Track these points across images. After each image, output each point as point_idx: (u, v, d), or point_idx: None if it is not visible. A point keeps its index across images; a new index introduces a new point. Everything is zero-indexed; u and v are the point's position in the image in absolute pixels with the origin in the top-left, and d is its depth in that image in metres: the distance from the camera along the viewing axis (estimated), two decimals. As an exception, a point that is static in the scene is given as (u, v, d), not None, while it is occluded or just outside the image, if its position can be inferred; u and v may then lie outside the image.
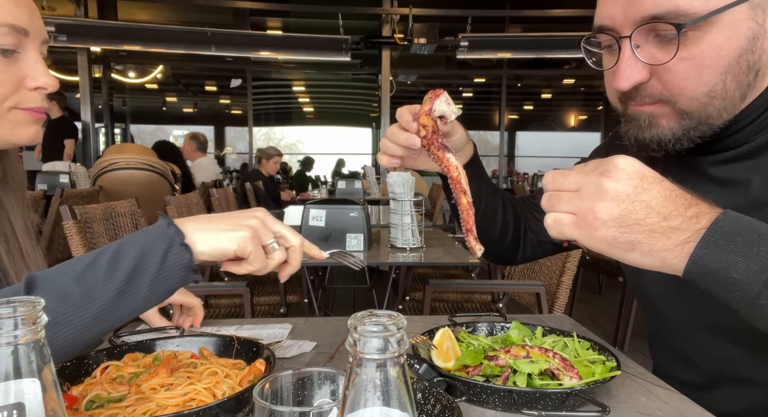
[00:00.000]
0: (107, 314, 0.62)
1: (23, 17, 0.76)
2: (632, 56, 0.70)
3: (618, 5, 0.70)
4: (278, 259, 0.73)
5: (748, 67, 0.68)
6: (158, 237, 0.66)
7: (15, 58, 0.76)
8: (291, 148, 16.98)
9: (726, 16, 0.65)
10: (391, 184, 2.41)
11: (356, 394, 0.38)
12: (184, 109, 15.14)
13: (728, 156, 0.75)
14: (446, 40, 7.50)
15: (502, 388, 0.76)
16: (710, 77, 0.67)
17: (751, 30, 0.66)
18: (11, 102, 0.76)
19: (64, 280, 0.62)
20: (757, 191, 0.73)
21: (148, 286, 0.64)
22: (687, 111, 0.70)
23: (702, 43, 0.66)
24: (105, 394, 0.75)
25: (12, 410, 0.37)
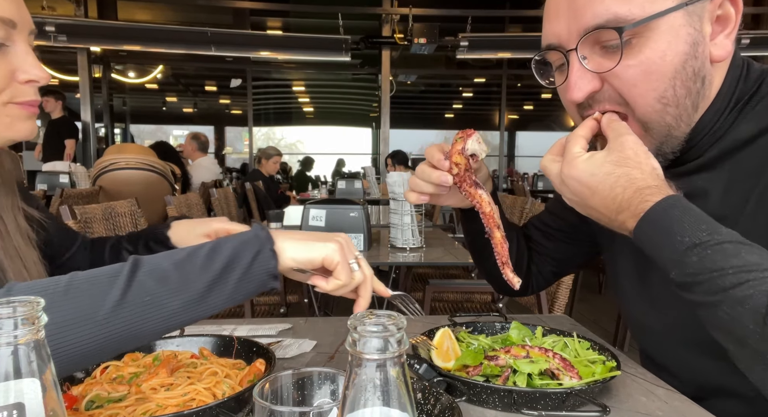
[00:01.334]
0: (193, 305, 0.64)
1: (10, 9, 0.74)
2: (581, 67, 0.73)
3: (561, 22, 0.73)
4: (358, 279, 0.74)
5: (694, 73, 0.70)
6: (252, 239, 0.69)
7: (4, 51, 0.74)
8: (291, 148, 16.98)
9: (664, 21, 0.68)
10: (391, 184, 2.41)
11: (356, 394, 0.38)
12: (184, 109, 15.14)
13: (686, 168, 0.78)
14: (446, 40, 7.50)
15: (502, 388, 0.76)
16: (659, 83, 0.70)
17: (690, 35, 0.69)
18: (5, 97, 0.75)
19: (165, 265, 0.65)
20: (716, 203, 0.75)
21: (233, 285, 0.66)
22: (646, 121, 0.73)
23: (646, 49, 0.69)
24: (105, 394, 0.75)
25: (12, 410, 0.37)
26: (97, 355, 0.63)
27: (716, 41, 0.71)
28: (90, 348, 0.59)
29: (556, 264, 1.10)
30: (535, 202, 2.75)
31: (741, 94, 0.74)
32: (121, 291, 0.61)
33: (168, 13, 9.43)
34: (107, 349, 0.62)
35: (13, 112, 0.76)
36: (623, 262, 0.91)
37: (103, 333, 0.60)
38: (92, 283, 0.62)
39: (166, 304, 0.63)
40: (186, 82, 12.87)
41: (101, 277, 0.62)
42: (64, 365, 0.59)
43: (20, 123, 0.78)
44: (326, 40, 7.55)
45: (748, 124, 0.73)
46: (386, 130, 8.04)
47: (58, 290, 0.60)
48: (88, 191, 3.66)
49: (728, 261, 0.57)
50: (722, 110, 0.74)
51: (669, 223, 0.63)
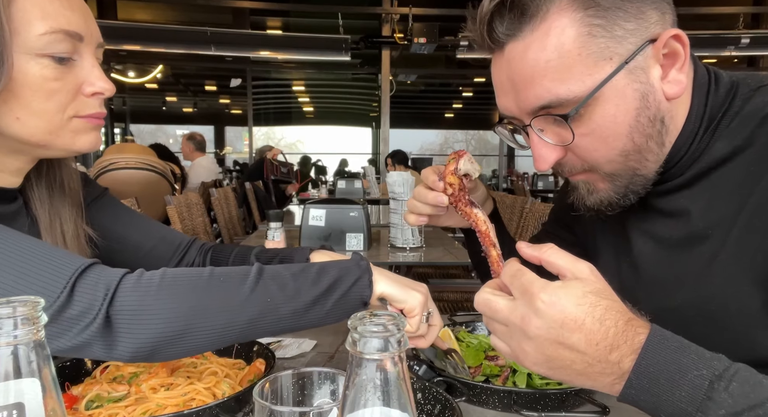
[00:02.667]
0: (297, 316, 0.69)
1: (78, 22, 0.73)
2: (540, 141, 0.73)
3: (508, 101, 0.73)
4: (421, 330, 0.78)
5: (650, 120, 0.70)
6: (354, 266, 0.74)
7: (71, 64, 0.73)
8: (291, 147, 16.99)
9: (607, 89, 0.67)
10: (391, 183, 2.41)
11: (356, 394, 0.38)
12: (184, 109, 15.14)
13: (668, 187, 0.77)
14: (446, 39, 7.49)
15: (502, 388, 0.76)
16: (616, 142, 0.70)
17: (637, 91, 0.68)
18: (71, 110, 0.74)
19: (285, 273, 0.71)
20: (698, 221, 0.74)
21: (332, 304, 0.71)
22: (612, 173, 0.73)
23: (596, 117, 0.68)
24: (105, 394, 0.75)
25: (12, 410, 0.37)
26: (218, 343, 0.68)
27: (669, 78, 0.69)
28: (216, 335, 0.66)
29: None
30: (535, 201, 2.75)
31: (713, 112, 0.73)
32: (250, 288, 0.67)
33: (168, 13, 9.43)
34: (226, 338, 0.67)
35: (77, 125, 0.76)
36: (608, 278, 0.89)
37: (230, 324, 0.66)
38: (228, 277, 0.68)
39: (280, 308, 0.68)
40: (186, 81, 12.87)
41: (234, 275, 0.69)
42: (189, 347, 0.66)
43: (84, 135, 0.77)
44: (326, 40, 7.54)
45: (722, 142, 0.72)
46: (386, 129, 8.04)
47: (203, 279, 0.67)
48: (88, 191, 3.66)
49: (760, 392, 0.52)
50: (695, 131, 0.73)
51: (677, 356, 0.54)
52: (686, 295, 0.75)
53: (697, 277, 0.73)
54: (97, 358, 0.64)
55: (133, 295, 0.63)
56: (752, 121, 0.69)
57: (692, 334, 0.74)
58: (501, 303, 0.59)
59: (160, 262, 1.01)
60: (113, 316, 0.61)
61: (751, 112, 0.70)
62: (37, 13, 0.69)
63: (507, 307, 0.59)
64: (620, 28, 0.66)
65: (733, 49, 7.11)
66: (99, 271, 0.64)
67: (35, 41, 0.69)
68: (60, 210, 0.84)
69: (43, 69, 0.70)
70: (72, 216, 0.85)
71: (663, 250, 0.78)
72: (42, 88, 0.71)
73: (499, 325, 0.60)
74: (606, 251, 0.90)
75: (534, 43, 0.67)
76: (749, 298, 0.68)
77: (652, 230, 0.80)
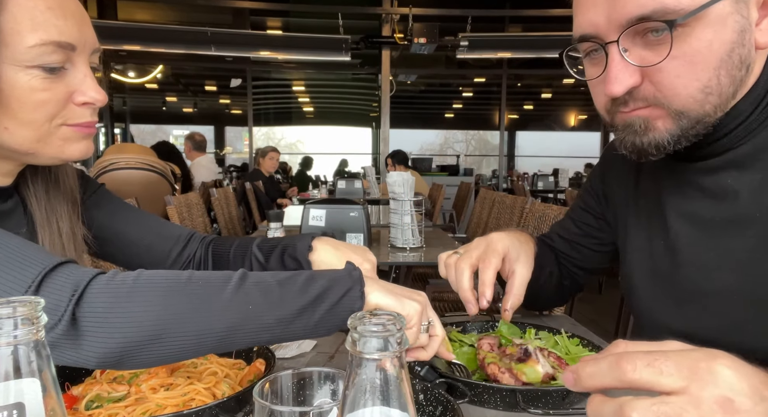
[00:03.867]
0: (282, 325, 0.65)
1: (71, 31, 0.71)
2: (622, 60, 0.68)
3: (599, 10, 0.68)
4: (421, 341, 0.75)
5: (740, 60, 0.66)
6: (345, 276, 0.70)
7: (62, 74, 0.72)
8: (291, 148, 16.99)
9: (712, 10, 0.64)
10: (391, 183, 2.41)
11: (356, 394, 0.38)
12: (184, 109, 15.14)
13: (714, 164, 0.74)
14: (446, 39, 7.49)
15: (505, 387, 0.76)
16: (703, 73, 0.66)
17: (738, 23, 0.65)
18: (60, 119, 0.73)
19: (270, 280, 0.67)
20: (746, 205, 0.71)
21: (320, 316, 0.67)
22: (684, 111, 0.68)
23: (692, 40, 0.65)
24: (105, 394, 0.75)
25: (12, 410, 0.37)
26: (192, 352, 0.65)
27: (761, 27, 0.67)
28: (191, 343, 0.62)
29: (584, 274, 1.09)
30: (535, 201, 2.75)
31: None
32: (230, 294, 0.64)
33: (168, 13, 9.42)
34: (203, 347, 0.64)
35: (66, 133, 0.74)
36: (639, 259, 0.89)
37: (206, 331, 0.62)
38: (207, 282, 0.65)
39: (262, 316, 0.64)
40: (186, 81, 12.86)
41: (214, 280, 0.65)
42: (162, 355, 0.62)
43: (74, 144, 0.76)
44: (326, 40, 7.54)
45: None
46: (386, 129, 8.04)
47: (180, 282, 0.63)
48: (88, 191, 3.66)
49: None
50: (759, 100, 0.70)
51: None
52: (728, 278, 0.73)
53: (741, 261, 0.71)
54: (66, 363, 0.60)
55: (102, 297, 0.60)
56: None
57: (731, 318, 0.74)
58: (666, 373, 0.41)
59: (159, 256, 1.01)
60: (80, 318, 0.58)
61: None
62: (27, 23, 0.67)
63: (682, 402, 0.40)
64: None
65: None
66: (69, 271, 0.61)
67: (25, 53, 0.67)
68: (56, 207, 0.84)
69: (31, 80, 0.68)
70: (68, 212, 0.85)
71: (703, 231, 0.76)
72: (30, 99, 0.69)
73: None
74: (638, 233, 0.88)
75: None
76: None
77: (693, 210, 0.78)
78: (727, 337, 0.75)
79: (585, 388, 0.45)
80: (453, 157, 14.54)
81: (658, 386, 0.40)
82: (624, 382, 0.41)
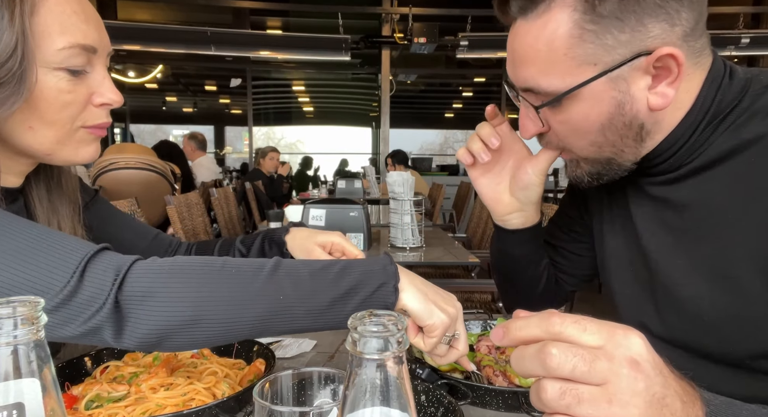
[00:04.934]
0: (312, 316, 0.66)
1: (93, 35, 0.74)
2: (526, 113, 0.78)
3: (510, 69, 0.77)
4: (438, 351, 0.74)
5: (624, 125, 0.72)
6: (380, 270, 0.69)
7: (84, 77, 0.75)
8: (291, 147, 16.98)
9: (585, 91, 0.69)
10: (391, 183, 2.41)
11: (356, 394, 0.38)
12: (184, 109, 15.13)
13: (672, 177, 0.78)
14: (446, 39, 7.49)
15: (507, 389, 0.76)
16: (587, 135, 0.74)
17: (614, 98, 0.70)
18: (80, 121, 0.76)
19: (303, 270, 0.68)
20: (704, 215, 0.74)
21: (352, 309, 0.66)
22: (585, 157, 0.77)
23: (571, 111, 0.72)
24: (105, 394, 0.75)
25: (12, 410, 0.37)
26: (225, 337, 0.66)
27: (657, 90, 0.70)
28: (224, 329, 0.63)
29: (572, 280, 1.09)
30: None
31: (720, 107, 0.72)
32: (261, 284, 0.65)
33: (168, 13, 9.42)
34: (237, 333, 0.65)
35: (83, 136, 0.77)
36: (617, 266, 0.90)
37: (238, 318, 0.64)
38: (239, 270, 0.66)
39: (294, 307, 0.65)
40: (186, 81, 12.86)
41: (247, 268, 0.66)
42: (197, 339, 0.64)
43: (86, 147, 0.78)
44: (326, 40, 7.54)
45: (728, 136, 0.71)
46: (386, 129, 8.04)
47: (215, 268, 0.65)
48: (88, 191, 3.65)
49: None
50: (696, 125, 0.73)
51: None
52: (698, 285, 0.75)
53: (706, 269, 0.73)
54: (106, 344, 0.63)
55: (143, 281, 0.62)
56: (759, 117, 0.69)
57: (704, 323, 0.75)
58: (586, 342, 0.44)
59: None
60: (122, 301, 0.61)
61: (760, 108, 0.70)
62: (56, 27, 0.70)
63: (596, 350, 0.44)
64: (612, 38, 0.66)
65: (733, 49, 7.10)
66: (110, 257, 0.64)
67: (54, 56, 0.70)
68: (58, 208, 0.85)
69: (58, 81, 0.71)
70: (69, 214, 0.86)
71: (672, 239, 0.79)
72: (57, 100, 0.72)
73: (588, 388, 0.44)
74: (614, 241, 0.90)
75: (533, 29, 0.70)
76: (762, 291, 0.68)
77: (659, 220, 0.80)
78: (701, 341, 0.76)
79: (513, 339, 0.47)
80: (453, 156, 14.53)
81: (579, 341, 0.44)
82: (550, 333, 0.45)
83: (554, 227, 1.08)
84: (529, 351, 0.45)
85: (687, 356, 0.79)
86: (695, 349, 0.78)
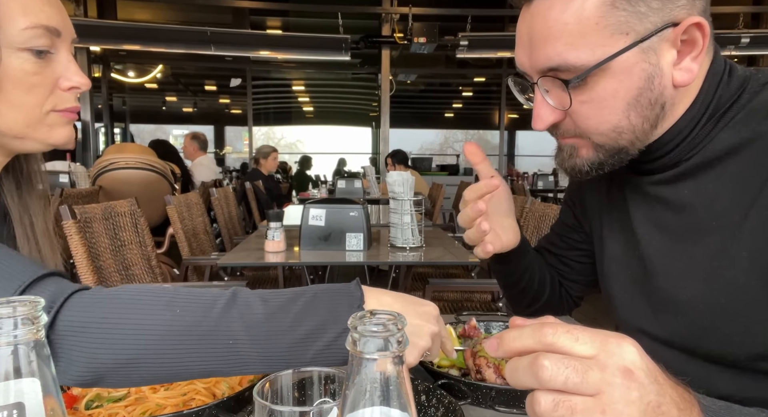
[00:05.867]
0: (267, 363, 0.61)
1: (56, 17, 0.75)
2: (543, 100, 0.74)
3: (524, 55, 0.74)
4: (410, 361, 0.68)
5: (650, 103, 0.70)
6: (344, 312, 0.62)
7: (49, 59, 0.75)
8: (291, 147, 16.99)
9: (616, 63, 0.67)
10: (391, 183, 2.41)
11: (356, 394, 0.38)
12: (184, 109, 15.14)
13: (670, 175, 0.77)
14: (446, 39, 7.49)
15: (508, 388, 0.76)
16: (612, 116, 0.70)
17: (645, 71, 0.68)
18: (49, 104, 0.76)
19: (259, 312, 0.61)
20: (704, 213, 0.74)
21: (313, 354, 0.61)
22: (600, 144, 0.74)
23: (598, 88, 0.69)
24: (105, 394, 0.75)
25: (12, 410, 0.37)
26: (169, 379, 0.62)
27: (681, 65, 0.69)
28: (167, 372, 0.59)
29: (578, 287, 1.09)
30: (535, 201, 2.75)
31: (721, 102, 0.72)
32: (210, 324, 0.59)
33: (167, 13, 9.42)
34: (182, 375, 0.61)
35: (54, 119, 0.77)
36: (616, 269, 0.90)
37: (184, 361, 0.59)
38: (189, 306, 0.60)
39: (245, 353, 0.60)
40: (186, 81, 12.87)
41: (197, 305, 0.61)
42: (137, 379, 0.59)
43: (59, 129, 0.78)
44: (326, 40, 7.54)
45: (727, 133, 0.71)
46: (386, 129, 8.04)
47: (162, 302, 0.60)
48: (88, 191, 3.66)
49: None
50: (698, 118, 0.73)
51: None
52: (695, 287, 0.75)
53: (705, 270, 0.73)
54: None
55: (78, 315, 0.57)
56: (759, 115, 0.69)
57: (701, 325, 0.75)
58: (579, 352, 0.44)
59: None
60: (53, 338, 0.56)
61: (758, 106, 0.70)
62: (18, 8, 0.71)
63: (590, 362, 0.44)
64: (644, 5, 0.65)
65: (733, 49, 7.11)
66: (52, 285, 0.59)
67: (17, 36, 0.71)
68: (28, 203, 0.85)
69: (23, 63, 0.72)
70: (41, 209, 0.86)
71: (670, 241, 0.78)
72: (23, 82, 0.72)
73: (581, 398, 0.43)
74: (612, 244, 0.90)
75: (558, 4, 0.67)
76: (760, 292, 0.68)
77: (659, 221, 0.80)
78: (699, 342, 0.76)
79: (507, 350, 0.47)
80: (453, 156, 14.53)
81: (572, 351, 0.44)
82: (543, 343, 0.45)
83: (554, 236, 1.09)
84: (522, 363, 0.45)
85: (686, 358, 0.79)
86: (694, 350, 0.78)
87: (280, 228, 2.31)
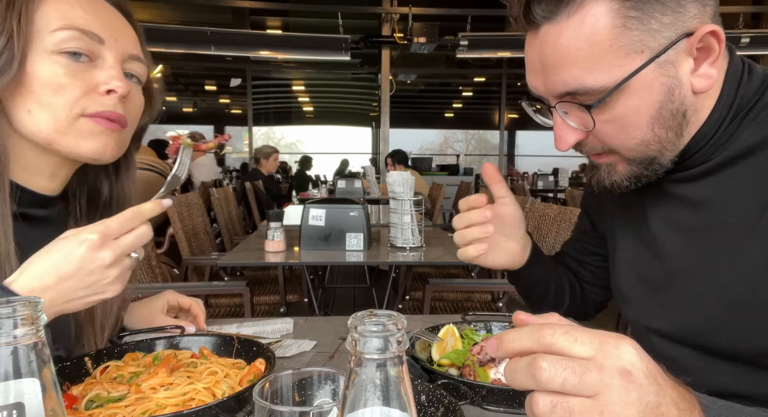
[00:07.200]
0: None
1: (98, 26, 0.76)
2: (563, 122, 0.73)
3: (537, 81, 0.73)
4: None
5: (672, 114, 0.70)
6: None
7: (89, 65, 0.76)
8: (291, 147, 16.99)
9: (635, 81, 0.66)
10: (391, 183, 2.41)
11: (356, 394, 0.38)
12: (184, 109, 15.14)
13: (691, 174, 0.77)
14: (446, 39, 7.50)
15: (508, 388, 0.76)
16: (636, 132, 0.70)
17: (664, 85, 0.68)
18: (79, 107, 0.75)
19: None
20: (722, 209, 0.74)
21: None
22: (631, 158, 0.74)
23: (619, 106, 0.68)
24: (105, 394, 0.75)
25: (12, 410, 0.37)
26: None
27: (700, 72, 0.69)
28: None
29: (599, 291, 1.09)
30: (535, 201, 2.76)
31: (743, 102, 0.72)
32: None
33: (168, 13, 9.42)
34: None
35: (84, 125, 0.76)
36: (627, 269, 0.90)
37: None
38: None
39: None
40: (186, 81, 12.87)
41: None
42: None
43: (90, 139, 0.77)
44: (326, 40, 7.54)
45: (750, 131, 0.71)
46: (386, 129, 8.04)
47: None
48: (88, 191, 3.65)
49: None
50: (722, 119, 0.73)
51: None
52: (710, 283, 0.75)
53: (723, 266, 0.73)
54: None
55: None
56: None
57: (715, 323, 0.74)
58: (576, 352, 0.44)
59: None
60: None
61: None
62: (56, 15, 0.74)
63: (588, 362, 0.44)
64: (656, 22, 0.65)
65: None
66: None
67: (50, 38, 0.73)
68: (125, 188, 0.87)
69: (53, 64, 0.73)
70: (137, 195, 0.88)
71: (687, 239, 0.78)
72: (52, 82, 0.73)
73: (579, 400, 0.44)
74: (625, 244, 0.90)
75: (568, 29, 0.67)
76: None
77: (676, 219, 0.80)
78: (711, 339, 0.76)
79: (506, 351, 0.47)
80: (453, 156, 14.54)
81: (570, 352, 0.44)
82: (542, 344, 0.45)
83: (575, 241, 1.10)
84: (521, 364, 0.45)
85: (697, 355, 0.79)
86: (706, 347, 0.78)
87: (280, 228, 2.31)
